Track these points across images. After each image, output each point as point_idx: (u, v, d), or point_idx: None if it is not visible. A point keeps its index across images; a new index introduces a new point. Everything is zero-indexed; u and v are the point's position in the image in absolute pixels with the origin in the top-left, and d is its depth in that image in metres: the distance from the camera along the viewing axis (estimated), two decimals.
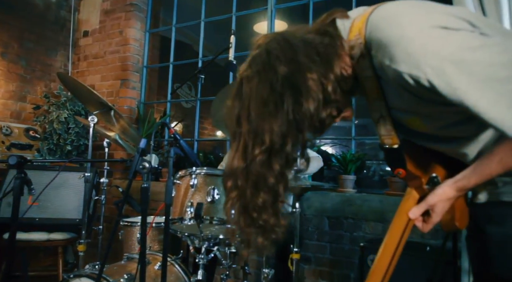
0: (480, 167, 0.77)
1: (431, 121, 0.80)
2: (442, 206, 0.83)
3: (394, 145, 0.85)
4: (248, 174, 0.75)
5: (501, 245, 0.82)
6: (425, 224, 0.87)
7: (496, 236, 0.82)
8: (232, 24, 3.54)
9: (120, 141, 2.62)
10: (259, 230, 0.80)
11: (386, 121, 0.83)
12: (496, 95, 0.64)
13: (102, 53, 4.07)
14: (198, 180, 1.69)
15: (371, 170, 3.91)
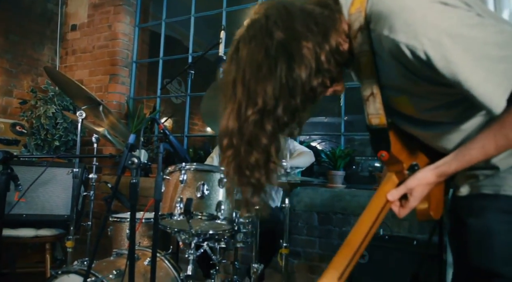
0: (462, 153, 0.79)
1: (419, 102, 0.81)
2: (421, 190, 0.84)
3: (381, 125, 0.86)
4: (242, 133, 0.78)
5: (480, 236, 0.83)
6: (402, 208, 0.87)
7: (476, 228, 0.84)
8: (222, 20, 3.52)
9: (109, 136, 2.60)
10: (252, 188, 0.83)
11: (375, 99, 0.84)
12: (488, 73, 0.66)
13: (90, 48, 4.02)
14: (187, 175, 1.69)
15: (360, 165, 3.95)
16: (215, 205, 1.65)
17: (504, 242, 0.78)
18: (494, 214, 0.80)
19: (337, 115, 2.97)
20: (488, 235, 0.80)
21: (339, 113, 2.93)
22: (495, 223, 0.80)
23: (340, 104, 2.86)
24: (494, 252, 0.78)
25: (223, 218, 1.64)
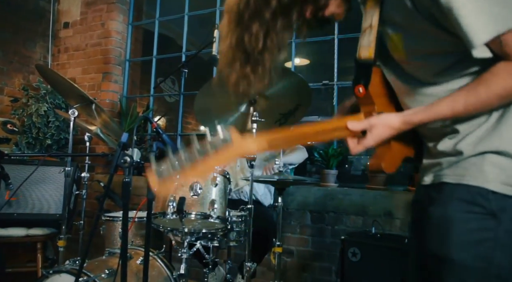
0: (431, 106, 0.80)
1: (411, 44, 0.82)
2: (381, 130, 0.84)
3: (368, 58, 0.86)
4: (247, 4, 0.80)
5: (439, 224, 0.82)
6: (357, 144, 0.87)
7: (435, 215, 0.83)
8: (216, 19, 3.51)
9: (101, 135, 2.59)
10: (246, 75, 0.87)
11: (371, 32, 0.85)
12: (481, 10, 0.69)
13: (83, 46, 3.99)
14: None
15: (353, 164, 3.98)
16: (208, 204, 1.65)
17: (461, 230, 0.78)
18: (454, 203, 0.80)
19: (330, 114, 2.99)
20: (447, 222, 0.80)
21: (332, 112, 2.94)
22: (454, 211, 0.79)
23: (333, 104, 2.88)
24: (451, 239, 0.78)
25: (216, 216, 1.64)
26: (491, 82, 0.73)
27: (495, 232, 0.75)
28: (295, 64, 3.32)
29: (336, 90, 2.88)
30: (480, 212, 0.77)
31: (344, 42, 2.95)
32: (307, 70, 5.07)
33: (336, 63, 2.91)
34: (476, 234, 0.77)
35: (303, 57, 4.86)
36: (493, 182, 0.77)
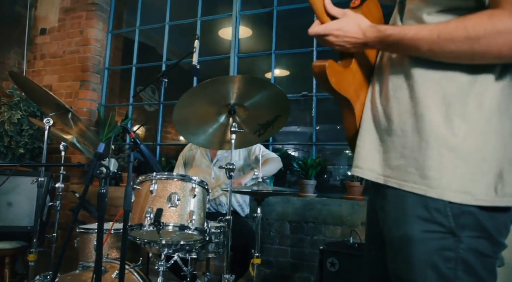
0: (411, 26, 0.78)
1: None
2: (349, 22, 0.83)
3: None
4: None
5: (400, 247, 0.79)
6: (319, 25, 0.86)
7: (396, 237, 0.80)
8: (197, 29, 3.53)
9: (78, 144, 2.53)
10: None
11: None
12: None
13: (60, 53, 3.91)
14: (158, 185, 1.67)
15: (332, 174, 4.03)
16: (187, 215, 1.63)
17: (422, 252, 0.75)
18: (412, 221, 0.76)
19: (309, 124, 3.02)
20: (407, 244, 0.77)
21: (310, 123, 2.98)
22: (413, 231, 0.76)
23: (311, 114, 2.92)
24: (413, 261, 0.76)
25: (194, 228, 1.62)
26: (468, 18, 0.70)
27: (456, 252, 0.73)
28: (275, 75, 3.36)
29: (315, 101, 2.93)
30: (439, 231, 0.74)
31: (323, 54, 3.01)
32: (287, 81, 5.13)
33: None
34: (437, 255, 0.74)
35: (283, 68, 4.93)
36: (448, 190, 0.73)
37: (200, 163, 2.51)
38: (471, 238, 0.72)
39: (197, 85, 1.76)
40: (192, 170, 2.53)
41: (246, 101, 1.78)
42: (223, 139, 1.98)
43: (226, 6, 3.45)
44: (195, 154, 2.56)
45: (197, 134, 1.95)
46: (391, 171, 0.82)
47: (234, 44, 3.34)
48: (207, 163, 2.49)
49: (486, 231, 0.72)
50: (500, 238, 0.74)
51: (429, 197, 0.75)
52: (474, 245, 0.72)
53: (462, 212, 0.73)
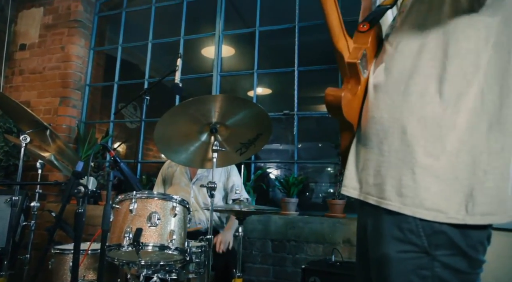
0: None
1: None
2: None
3: (387, 3, 0.92)
4: None
5: (379, 267, 0.82)
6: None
7: (376, 257, 0.83)
8: (180, 47, 3.56)
9: (55, 162, 2.48)
10: None
11: None
12: None
13: (40, 69, 3.86)
14: (138, 204, 1.64)
15: (314, 192, 4.05)
16: (167, 235, 1.61)
17: (399, 272, 0.77)
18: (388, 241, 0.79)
19: (291, 142, 3.06)
20: (385, 264, 0.79)
21: (292, 141, 3.02)
22: (390, 251, 0.78)
23: (293, 133, 2.96)
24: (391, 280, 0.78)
25: (174, 248, 1.60)
26: None
27: (432, 270, 0.75)
28: (257, 94, 3.40)
29: (296, 120, 2.97)
30: (413, 251, 0.76)
31: (304, 74, 3.08)
32: (269, 99, 5.20)
33: (296, 94, 3.02)
34: (413, 274, 0.76)
35: (265, 87, 5.00)
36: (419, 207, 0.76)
37: (179, 181, 2.48)
38: (446, 256, 0.75)
39: (179, 104, 1.77)
40: (171, 188, 2.49)
41: (228, 120, 1.79)
42: (204, 157, 1.98)
43: (209, 26, 3.51)
44: (174, 171, 2.53)
45: (179, 153, 1.95)
46: (370, 188, 0.84)
47: (216, 63, 3.38)
48: (186, 182, 2.46)
49: (459, 248, 0.74)
50: (476, 255, 0.76)
51: (403, 217, 0.77)
52: (449, 262, 0.74)
53: (434, 231, 0.75)
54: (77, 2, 3.85)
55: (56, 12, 3.93)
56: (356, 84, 0.89)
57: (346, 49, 0.86)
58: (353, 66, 0.87)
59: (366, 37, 0.92)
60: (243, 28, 3.57)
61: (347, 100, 0.86)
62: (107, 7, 4.16)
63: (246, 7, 3.60)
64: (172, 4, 3.74)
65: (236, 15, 3.85)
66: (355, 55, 0.87)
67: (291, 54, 3.09)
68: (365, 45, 0.90)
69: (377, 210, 0.82)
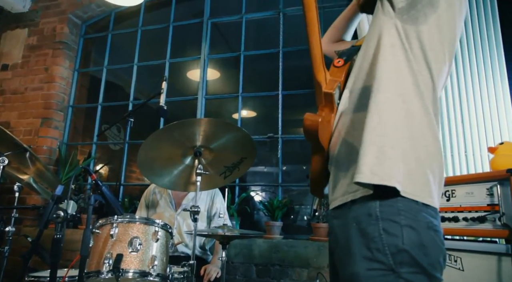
0: None
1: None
2: None
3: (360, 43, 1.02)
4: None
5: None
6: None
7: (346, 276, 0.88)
8: (165, 70, 3.58)
9: (34, 184, 2.41)
10: None
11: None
12: None
13: (22, 89, 3.81)
14: (119, 229, 1.61)
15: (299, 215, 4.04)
16: (148, 261, 1.57)
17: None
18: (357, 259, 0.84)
19: (276, 165, 3.07)
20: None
21: (277, 163, 3.03)
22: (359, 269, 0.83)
23: (277, 156, 2.98)
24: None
25: (156, 274, 1.56)
26: None
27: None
28: (242, 116, 3.43)
29: (280, 143, 3.00)
30: (381, 268, 0.81)
31: (288, 97, 3.14)
32: (254, 121, 5.24)
33: (280, 117, 3.06)
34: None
35: (250, 110, 5.05)
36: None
37: (163, 210, 2.41)
38: (409, 273, 0.80)
39: (163, 127, 1.77)
40: (155, 216, 2.43)
41: (212, 144, 1.80)
42: (188, 181, 1.97)
43: (195, 49, 3.56)
44: (159, 199, 2.46)
45: (162, 176, 1.93)
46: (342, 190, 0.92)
47: (202, 86, 3.41)
48: (171, 212, 2.38)
49: (421, 266, 0.81)
50: (435, 273, 0.83)
51: (370, 236, 0.83)
52: (413, 279, 0.80)
53: (398, 250, 0.80)
54: (63, 24, 3.87)
55: (41, 33, 3.93)
56: (330, 112, 0.98)
57: (324, 80, 0.95)
58: (329, 96, 0.96)
59: (341, 72, 1.02)
60: (228, 52, 3.64)
61: (322, 126, 0.94)
62: (93, 29, 4.18)
63: (231, 32, 3.68)
64: (158, 27, 3.80)
65: (222, 39, 3.93)
66: (331, 86, 0.96)
67: (276, 78, 3.15)
68: (339, 78, 1.01)
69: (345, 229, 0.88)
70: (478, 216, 1.57)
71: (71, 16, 3.92)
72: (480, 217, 1.56)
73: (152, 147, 1.77)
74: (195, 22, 3.63)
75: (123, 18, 4.06)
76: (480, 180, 1.61)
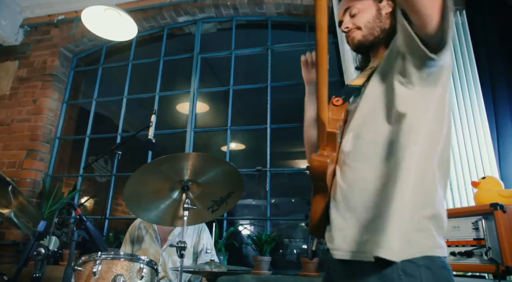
0: None
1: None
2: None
3: (358, 84, 1.08)
4: None
5: None
6: None
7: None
8: (155, 104, 3.61)
9: (15, 219, 2.33)
10: None
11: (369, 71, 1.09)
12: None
13: (8, 121, 3.78)
14: (102, 266, 1.56)
15: (288, 248, 3.98)
16: None
17: None
18: None
19: (264, 198, 3.05)
20: None
21: (265, 196, 3.01)
22: None
23: (266, 189, 2.97)
24: None
25: None
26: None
27: None
28: (231, 149, 3.45)
29: (269, 176, 3.00)
30: None
31: (276, 130, 3.18)
32: (243, 154, 5.26)
33: (269, 151, 3.08)
34: None
35: (238, 142, 5.07)
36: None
37: (149, 246, 2.34)
38: None
39: (150, 162, 1.76)
40: (140, 252, 2.35)
41: (200, 178, 1.79)
42: (175, 215, 1.94)
43: (185, 83, 3.62)
44: (144, 235, 2.39)
45: (149, 210, 1.90)
46: (356, 246, 0.90)
47: (191, 119, 3.44)
48: (156, 248, 2.31)
49: None
50: None
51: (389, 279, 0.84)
52: None
53: None
54: (54, 57, 3.91)
55: (31, 66, 3.95)
56: (332, 151, 0.98)
57: (327, 119, 0.96)
58: (333, 135, 0.97)
59: (340, 111, 1.04)
60: (217, 86, 3.71)
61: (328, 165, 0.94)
62: (84, 62, 4.23)
63: (221, 67, 3.77)
64: (149, 61, 3.87)
65: (211, 73, 4.01)
66: (334, 126, 0.97)
67: (264, 111, 3.20)
68: (340, 117, 1.02)
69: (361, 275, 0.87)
70: (465, 250, 1.57)
71: (63, 50, 3.97)
72: (467, 252, 1.56)
73: (139, 181, 1.75)
74: (185, 57, 3.72)
75: (115, 52, 4.13)
76: (465, 214, 1.63)
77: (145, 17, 3.76)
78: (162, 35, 3.89)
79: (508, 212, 1.47)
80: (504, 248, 1.42)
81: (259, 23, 3.70)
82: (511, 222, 1.46)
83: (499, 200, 1.58)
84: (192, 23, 3.83)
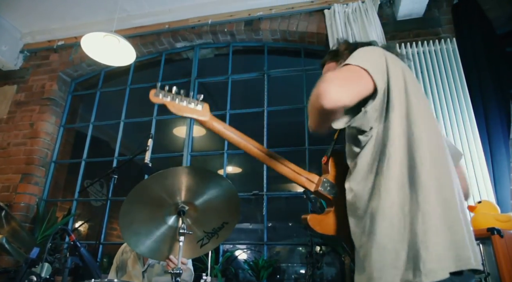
0: None
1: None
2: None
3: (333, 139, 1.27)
4: None
5: None
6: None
7: None
8: (152, 127, 3.63)
9: (7, 245, 2.30)
10: None
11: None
12: None
13: (4, 144, 3.77)
14: None
15: (285, 273, 3.90)
16: None
17: None
18: None
19: (261, 222, 3.03)
20: None
21: (262, 220, 2.99)
22: None
23: (263, 213, 2.94)
24: None
25: None
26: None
27: None
28: (228, 172, 3.44)
29: (265, 200, 2.98)
30: None
31: None
32: (239, 178, 5.25)
33: (265, 175, 3.08)
34: None
35: (235, 166, 5.08)
36: None
37: (132, 268, 2.30)
38: None
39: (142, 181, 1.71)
40: (125, 276, 2.31)
41: (196, 199, 1.76)
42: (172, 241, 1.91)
43: None
44: (128, 258, 2.35)
45: (146, 241, 1.83)
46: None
47: (188, 142, 3.45)
48: (139, 269, 2.28)
49: None
50: None
51: None
52: None
53: None
54: (52, 82, 3.95)
55: (29, 90, 3.99)
56: (330, 207, 1.20)
57: (309, 183, 1.21)
58: (317, 193, 1.20)
59: (327, 167, 1.25)
60: (214, 110, 3.74)
61: (317, 221, 1.14)
62: (82, 86, 4.28)
63: (218, 91, 3.82)
64: (147, 86, 3.91)
65: (208, 97, 4.06)
66: (318, 185, 1.21)
67: (261, 135, 3.22)
68: (326, 174, 1.24)
69: None
70: None
71: (61, 74, 4.02)
72: None
73: (135, 203, 1.72)
74: (182, 81, 3.77)
75: (113, 76, 4.18)
76: None
77: (143, 42, 3.84)
78: (160, 60, 3.95)
79: (505, 237, 1.47)
80: (503, 274, 1.41)
81: (255, 48, 3.78)
82: (508, 247, 1.46)
83: (495, 224, 1.58)
84: (189, 49, 3.91)
